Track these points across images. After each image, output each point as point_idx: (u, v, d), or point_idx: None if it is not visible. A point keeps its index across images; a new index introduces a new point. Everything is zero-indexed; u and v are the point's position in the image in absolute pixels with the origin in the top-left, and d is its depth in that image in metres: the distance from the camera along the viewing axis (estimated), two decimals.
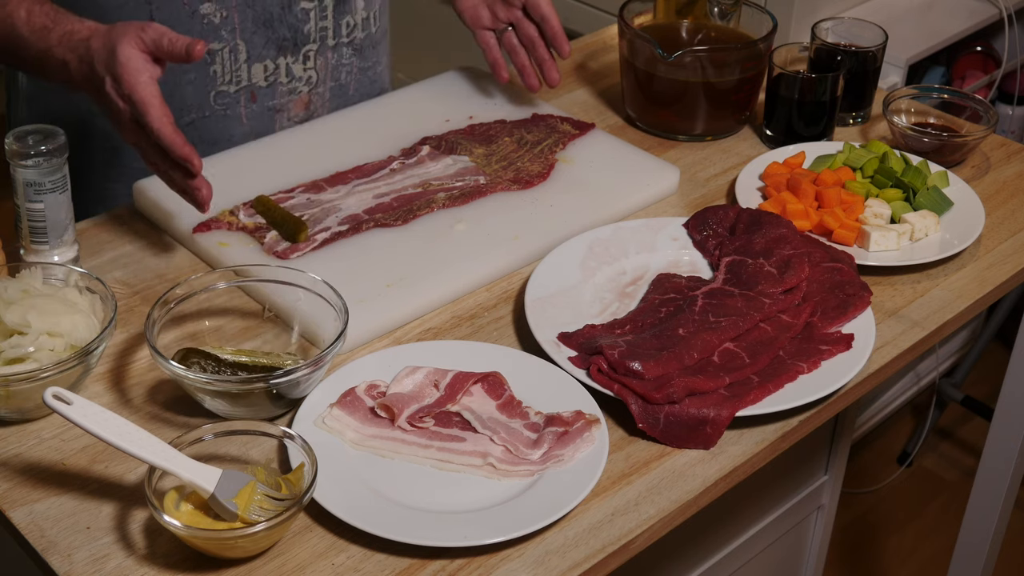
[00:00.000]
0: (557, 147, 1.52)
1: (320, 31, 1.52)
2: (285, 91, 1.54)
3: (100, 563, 1.01)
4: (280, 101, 1.54)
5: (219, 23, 1.44)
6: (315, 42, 1.52)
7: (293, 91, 1.54)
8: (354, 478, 1.08)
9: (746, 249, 1.33)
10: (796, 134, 1.57)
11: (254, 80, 1.50)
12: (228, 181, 1.43)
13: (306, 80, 1.54)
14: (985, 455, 1.86)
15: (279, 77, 1.52)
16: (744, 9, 1.63)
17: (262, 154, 1.49)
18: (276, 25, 1.49)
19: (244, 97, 1.51)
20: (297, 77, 1.53)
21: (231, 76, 1.48)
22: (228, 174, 1.45)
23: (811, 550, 1.97)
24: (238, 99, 1.50)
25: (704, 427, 1.13)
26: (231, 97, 1.50)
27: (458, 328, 1.28)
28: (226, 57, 1.47)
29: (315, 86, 1.56)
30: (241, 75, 1.48)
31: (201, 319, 1.22)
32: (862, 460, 2.77)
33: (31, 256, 1.27)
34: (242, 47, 1.47)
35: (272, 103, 1.54)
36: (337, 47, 1.55)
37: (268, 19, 1.48)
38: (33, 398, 1.11)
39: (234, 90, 1.49)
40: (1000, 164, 1.57)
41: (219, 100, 1.50)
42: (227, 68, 1.47)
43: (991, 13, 2.42)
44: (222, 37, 1.46)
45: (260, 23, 1.47)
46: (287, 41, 1.50)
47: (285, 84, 1.53)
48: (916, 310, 1.32)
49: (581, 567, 1.02)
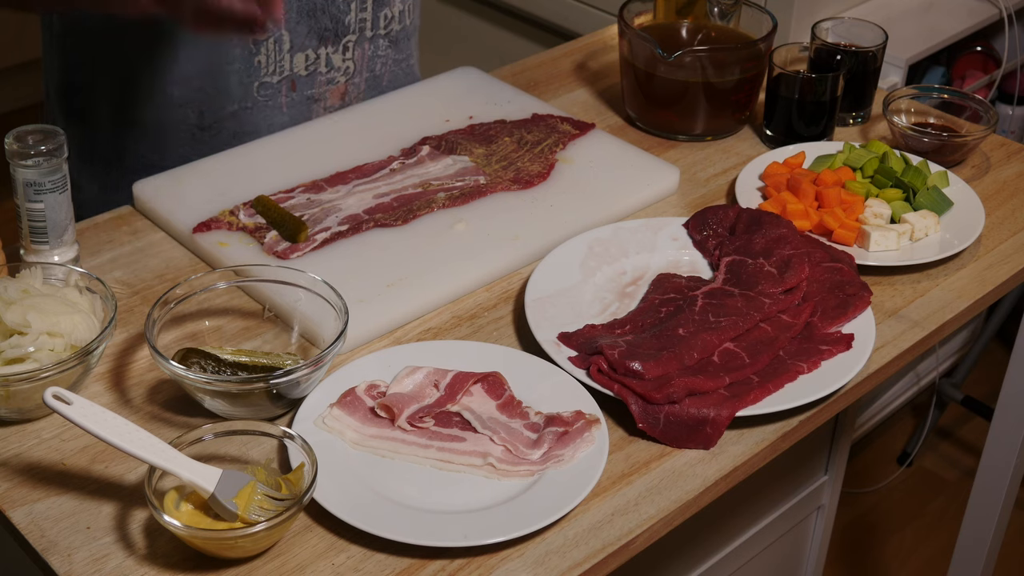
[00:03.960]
0: (557, 147, 1.52)
1: (360, 22, 1.54)
2: (323, 80, 1.56)
3: (100, 563, 1.01)
4: (318, 91, 1.57)
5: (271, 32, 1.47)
6: (354, 33, 1.55)
7: (331, 81, 1.57)
8: (354, 478, 1.08)
9: (746, 249, 1.33)
10: (796, 134, 1.57)
11: (295, 70, 1.52)
12: (228, 181, 1.44)
13: (344, 70, 1.57)
14: (985, 455, 1.86)
15: (319, 67, 1.54)
16: (744, 9, 1.63)
17: (262, 154, 1.49)
18: (319, 15, 1.51)
19: (285, 86, 1.53)
20: (336, 67, 1.56)
21: (275, 66, 1.50)
22: (228, 174, 1.45)
23: (811, 550, 1.97)
24: (280, 89, 1.53)
25: (704, 427, 1.13)
26: (273, 87, 1.52)
27: (458, 328, 1.28)
28: (271, 47, 1.49)
29: (351, 76, 1.58)
30: (284, 65, 1.51)
31: (201, 319, 1.22)
32: (862, 460, 2.77)
33: (31, 256, 1.27)
34: (286, 37, 1.50)
35: (311, 92, 1.56)
36: (374, 38, 1.58)
37: (312, 9, 1.50)
38: (33, 398, 1.11)
39: (276, 80, 1.52)
40: (1000, 164, 1.57)
41: (262, 91, 1.52)
42: (271, 59, 1.49)
43: (991, 13, 2.42)
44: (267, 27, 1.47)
45: (304, 13, 1.50)
46: (328, 31, 1.53)
47: (324, 74, 1.56)
48: (916, 310, 1.32)
49: (581, 567, 1.02)
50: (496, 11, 2.73)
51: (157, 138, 1.54)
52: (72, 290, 1.19)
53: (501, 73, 1.73)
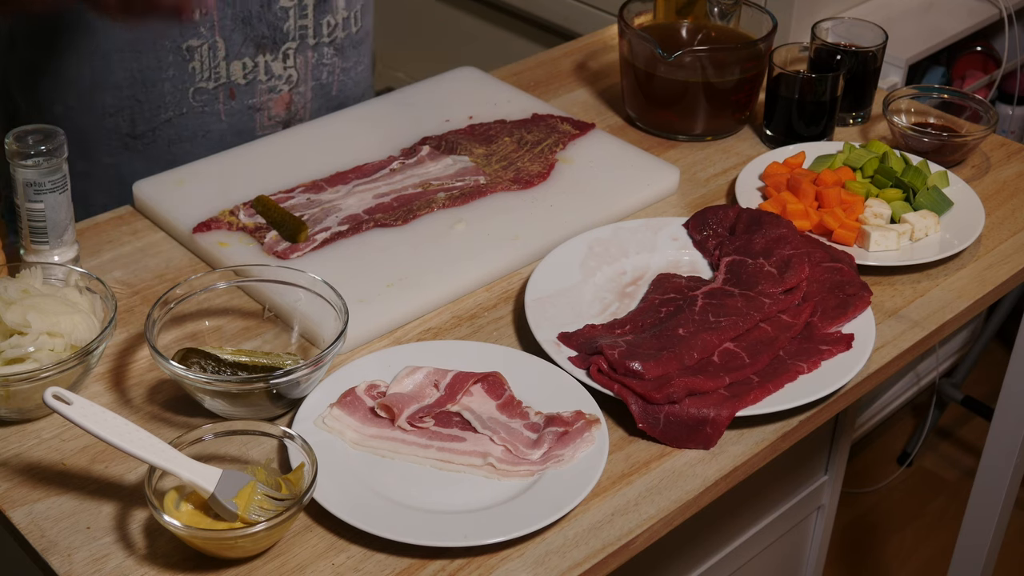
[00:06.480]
0: (557, 147, 1.52)
1: (300, 29, 1.52)
2: (264, 89, 1.54)
3: (100, 563, 1.01)
4: (259, 100, 1.54)
5: (198, 19, 1.44)
6: (294, 40, 1.52)
7: (273, 89, 1.54)
8: (354, 478, 1.08)
9: (746, 249, 1.33)
10: (796, 134, 1.57)
11: (233, 78, 1.50)
12: (228, 181, 1.44)
13: (286, 79, 1.54)
14: (985, 455, 1.86)
15: (258, 75, 1.52)
16: (744, 9, 1.63)
17: (262, 154, 1.49)
18: (255, 23, 1.49)
19: (223, 94, 1.51)
20: (277, 75, 1.53)
21: (209, 73, 1.48)
22: (228, 174, 1.45)
23: (811, 550, 1.97)
24: (216, 96, 1.50)
25: (704, 427, 1.13)
26: (209, 94, 1.50)
27: (458, 328, 1.28)
28: (205, 54, 1.47)
29: (295, 85, 1.56)
30: (220, 72, 1.48)
31: (201, 319, 1.22)
32: (862, 460, 2.77)
33: (31, 256, 1.27)
34: (221, 44, 1.47)
35: (251, 101, 1.54)
36: (318, 46, 1.55)
37: (247, 16, 1.48)
38: (33, 398, 1.11)
39: (212, 87, 1.49)
40: (1000, 164, 1.57)
41: (197, 97, 1.50)
42: (206, 65, 1.47)
43: (991, 13, 2.42)
44: (201, 34, 1.46)
45: (239, 20, 1.48)
46: (266, 39, 1.51)
47: (264, 82, 1.53)
48: (916, 310, 1.32)
49: (581, 567, 1.02)
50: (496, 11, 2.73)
51: (86, 146, 1.51)
52: (72, 290, 1.19)
53: (501, 73, 1.73)
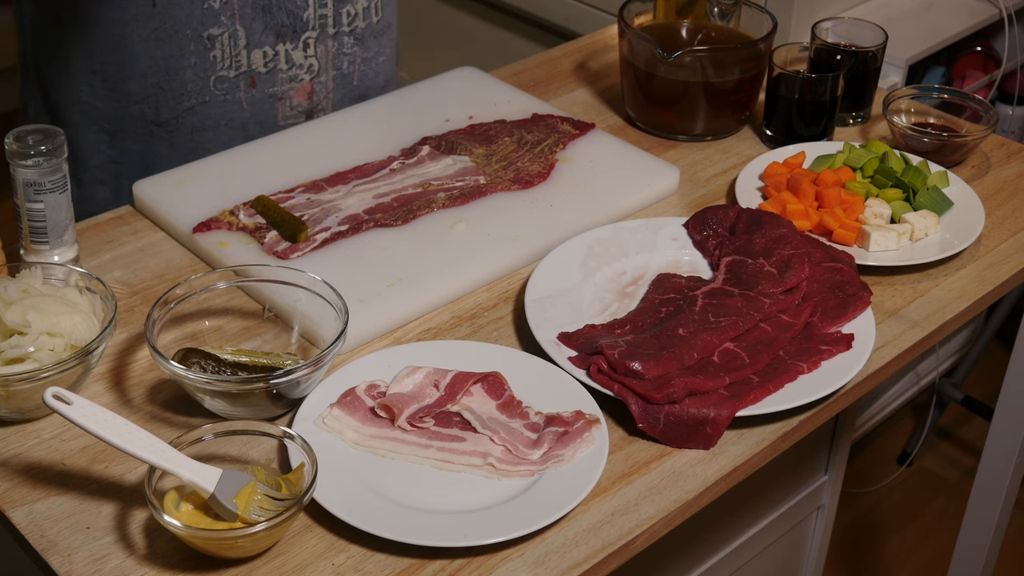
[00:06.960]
0: (557, 147, 1.52)
1: (319, 18, 1.53)
2: (285, 78, 1.55)
3: (100, 563, 1.01)
4: (281, 88, 1.55)
5: (219, 8, 1.46)
6: (314, 29, 1.53)
7: (294, 78, 1.55)
8: (354, 478, 1.08)
9: (746, 249, 1.33)
10: (796, 134, 1.57)
11: (254, 66, 1.51)
12: (228, 181, 1.44)
13: (307, 68, 1.55)
14: (985, 455, 1.86)
15: (278, 64, 1.53)
16: (744, 9, 1.63)
17: (262, 154, 1.49)
18: (275, 11, 1.50)
19: (244, 82, 1.51)
20: (297, 64, 1.54)
21: (231, 61, 1.49)
22: (228, 174, 1.45)
23: (811, 550, 1.97)
24: (237, 84, 1.51)
25: (704, 427, 1.13)
26: (230, 82, 1.51)
27: (458, 328, 1.28)
28: (226, 42, 1.48)
29: (317, 75, 1.56)
30: (240, 60, 1.49)
31: (201, 319, 1.22)
32: (862, 460, 2.77)
33: (31, 256, 1.27)
34: (241, 32, 1.48)
35: (272, 90, 1.55)
36: (338, 35, 1.56)
37: (267, 5, 1.49)
38: (33, 398, 1.11)
39: (233, 75, 1.50)
40: (1000, 164, 1.57)
41: (219, 85, 1.51)
42: (227, 53, 1.48)
43: (991, 13, 2.42)
44: (221, 22, 1.47)
45: (259, 8, 1.49)
46: (286, 27, 1.51)
47: (285, 71, 1.54)
48: (916, 310, 1.32)
49: (581, 567, 1.02)
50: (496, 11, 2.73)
51: (114, 133, 1.53)
52: (72, 290, 1.19)
53: (501, 73, 1.73)
